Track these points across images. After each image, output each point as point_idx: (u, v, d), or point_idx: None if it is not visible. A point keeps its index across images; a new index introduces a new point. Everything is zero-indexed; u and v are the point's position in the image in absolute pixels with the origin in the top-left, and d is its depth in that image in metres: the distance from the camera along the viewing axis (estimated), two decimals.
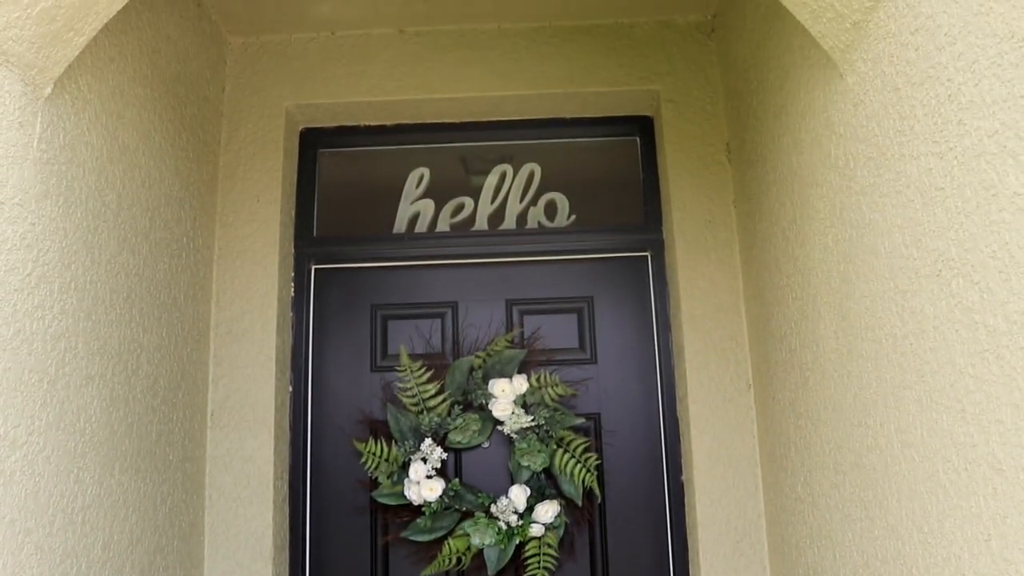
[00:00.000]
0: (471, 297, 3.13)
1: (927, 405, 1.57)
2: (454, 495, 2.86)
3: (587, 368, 3.06)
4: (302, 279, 3.15)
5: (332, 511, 2.98)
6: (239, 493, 2.82)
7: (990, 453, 1.35)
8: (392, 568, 2.95)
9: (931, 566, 1.58)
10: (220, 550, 2.79)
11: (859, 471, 1.93)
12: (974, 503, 1.41)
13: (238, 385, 2.90)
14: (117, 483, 2.19)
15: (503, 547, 2.83)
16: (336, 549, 2.96)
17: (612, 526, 2.96)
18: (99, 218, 2.16)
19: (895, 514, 1.74)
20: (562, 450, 2.89)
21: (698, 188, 3.02)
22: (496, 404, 2.88)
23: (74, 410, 1.99)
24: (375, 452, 2.90)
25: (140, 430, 2.34)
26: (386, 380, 3.05)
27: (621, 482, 2.99)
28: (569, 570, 2.95)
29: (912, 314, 1.61)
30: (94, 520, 2.06)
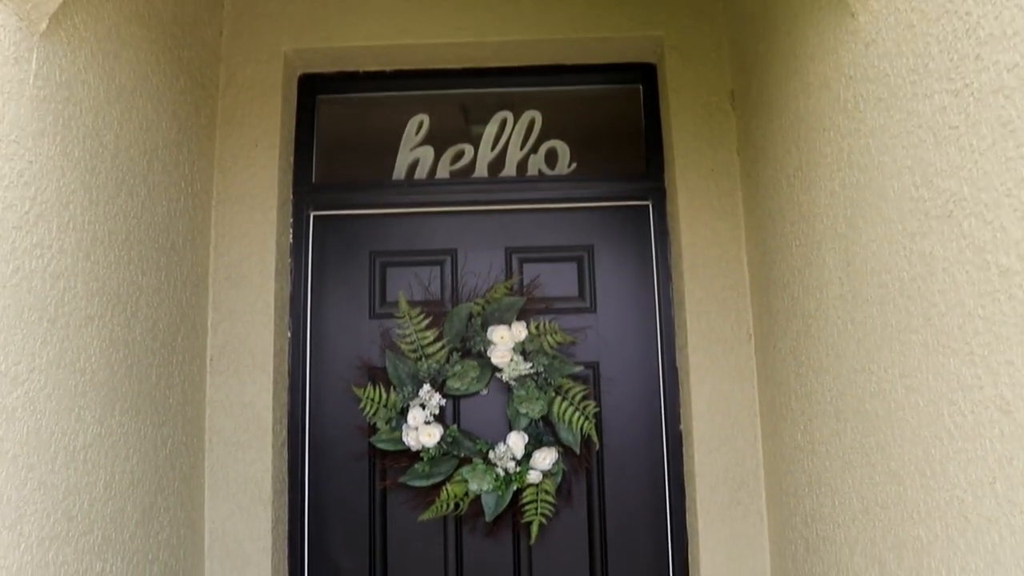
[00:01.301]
0: (470, 245, 3.12)
1: (933, 348, 1.56)
2: (452, 441, 2.87)
3: (586, 317, 3.06)
4: (301, 226, 3.13)
5: (330, 456, 2.99)
6: (238, 437, 2.83)
7: (998, 395, 1.34)
8: (390, 513, 2.97)
9: (932, 510, 1.59)
10: (220, 493, 2.80)
11: (861, 417, 1.93)
12: (979, 446, 1.41)
13: (237, 331, 2.89)
14: (118, 423, 2.19)
15: (501, 493, 2.84)
16: (335, 493, 2.97)
17: (610, 474, 2.97)
18: (97, 158, 2.13)
19: (897, 459, 1.74)
20: (560, 398, 2.90)
21: (701, 136, 2.99)
22: (495, 351, 2.88)
23: (74, 349, 1.98)
24: (373, 398, 2.90)
25: (140, 372, 2.33)
26: (385, 327, 3.05)
27: (619, 430, 2.99)
28: (566, 517, 2.96)
29: (920, 257, 1.60)
30: (95, 459, 2.06)
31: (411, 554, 2.95)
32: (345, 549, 2.95)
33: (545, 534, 2.94)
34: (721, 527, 2.79)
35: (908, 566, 1.70)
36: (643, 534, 2.95)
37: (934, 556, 1.59)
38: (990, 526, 1.38)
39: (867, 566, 1.91)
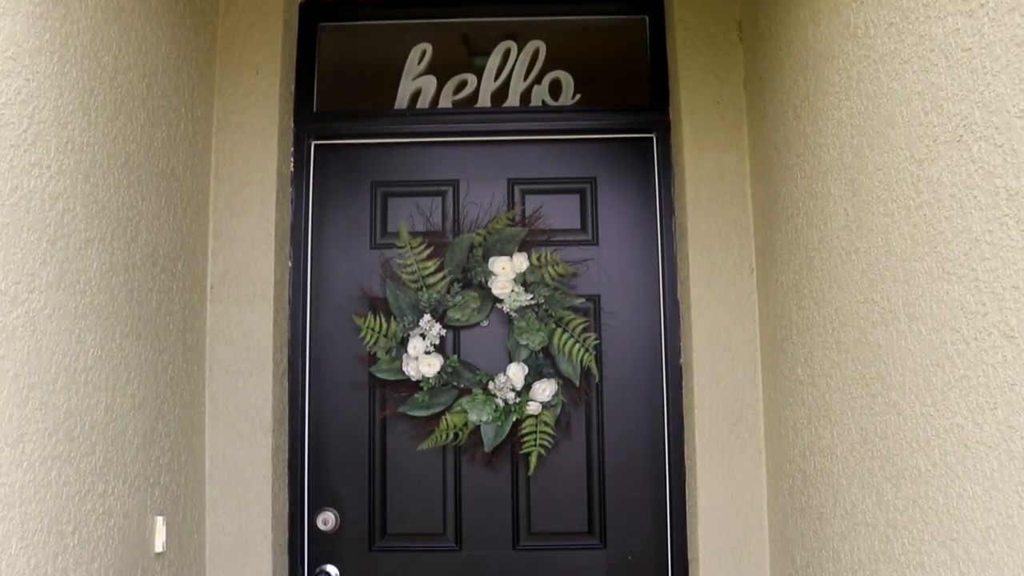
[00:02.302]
0: (472, 175, 3.09)
1: (938, 276, 1.56)
2: (452, 372, 2.87)
3: (588, 249, 3.05)
4: (301, 155, 3.10)
5: (331, 385, 3.00)
6: (239, 366, 2.83)
7: (1003, 320, 1.34)
8: (390, 442, 2.98)
9: (932, 438, 1.59)
10: (220, 420, 2.81)
11: (862, 348, 1.92)
12: (981, 372, 1.41)
13: (237, 259, 2.88)
14: (118, 347, 2.19)
15: (500, 424, 2.85)
16: (334, 422, 2.99)
17: (609, 406, 2.98)
18: (95, 79, 2.11)
19: (898, 389, 1.74)
20: (561, 330, 2.90)
21: (707, 68, 2.96)
22: (496, 282, 2.87)
23: (74, 271, 1.97)
24: (374, 328, 2.90)
25: (140, 297, 2.33)
26: (385, 257, 3.04)
27: (619, 363, 3.00)
28: (565, 448, 2.98)
29: (928, 183, 1.58)
30: (96, 381, 2.07)
31: (410, 483, 2.97)
32: (344, 477, 2.97)
33: (544, 465, 2.96)
34: (719, 459, 2.80)
35: (906, 495, 1.70)
36: (642, 466, 2.97)
37: (932, 484, 1.59)
38: (989, 452, 1.38)
39: (864, 496, 1.92)
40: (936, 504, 1.57)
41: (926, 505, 1.62)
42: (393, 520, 2.97)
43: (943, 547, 1.55)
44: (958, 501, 1.49)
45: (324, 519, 2.92)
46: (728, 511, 2.79)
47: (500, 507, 2.96)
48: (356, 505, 2.97)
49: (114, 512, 2.16)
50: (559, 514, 2.97)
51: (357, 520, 2.96)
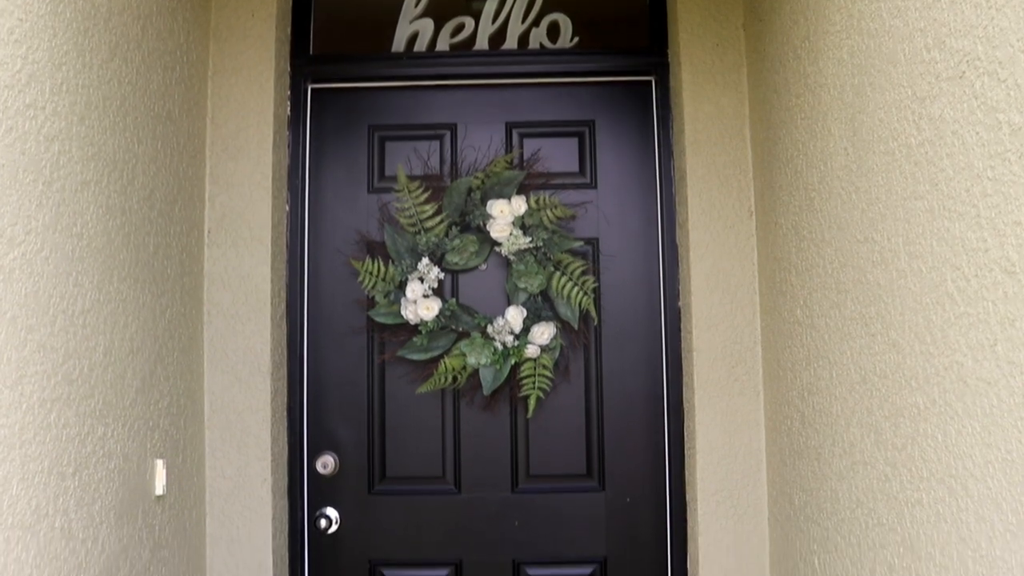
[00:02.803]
0: (470, 119, 3.07)
1: (939, 214, 1.55)
2: (451, 315, 2.87)
3: (587, 192, 3.03)
4: (298, 98, 3.07)
5: (329, 329, 3.00)
6: (237, 310, 2.83)
7: (1004, 256, 1.33)
8: (388, 386, 2.99)
9: (931, 376, 1.59)
10: (219, 364, 2.82)
11: (862, 288, 1.92)
12: (981, 309, 1.41)
13: (234, 203, 2.87)
14: (116, 291, 2.18)
15: (499, 367, 2.86)
16: (333, 366, 2.99)
17: (608, 349, 2.99)
18: (89, 20, 2.08)
19: (897, 328, 1.74)
20: (559, 273, 2.89)
21: (706, 10, 2.92)
22: (494, 225, 2.86)
23: (70, 214, 1.96)
24: (372, 271, 2.89)
25: (137, 241, 2.32)
26: (383, 201, 3.02)
27: (618, 306, 3.00)
28: (564, 391, 2.99)
29: (930, 121, 1.57)
30: (94, 324, 2.06)
31: (409, 427, 2.98)
32: (343, 421, 2.98)
33: (542, 408, 2.97)
34: (718, 402, 2.81)
35: (904, 433, 1.71)
36: (640, 409, 2.98)
37: (930, 422, 1.60)
38: (988, 389, 1.38)
39: (862, 436, 1.93)
40: (935, 441, 1.58)
41: (924, 443, 1.62)
42: (392, 463, 2.99)
43: (941, 484, 1.55)
44: (957, 438, 1.49)
45: (323, 463, 2.94)
46: (726, 453, 2.81)
47: (499, 450, 2.98)
48: (355, 449, 2.98)
49: (114, 455, 2.17)
50: (558, 457, 2.99)
51: (356, 463, 2.98)
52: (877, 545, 1.86)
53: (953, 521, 1.51)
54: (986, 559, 1.40)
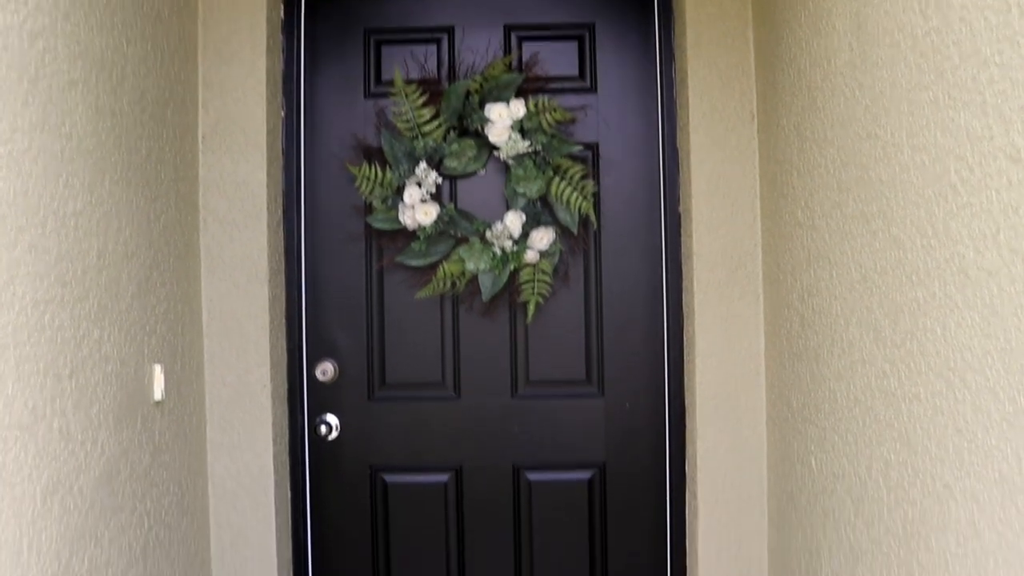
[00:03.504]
0: (468, 21, 3.00)
1: (944, 104, 1.51)
2: (449, 220, 2.84)
3: (586, 97, 2.98)
4: (292, 1, 3.00)
5: (327, 236, 2.98)
6: (233, 217, 2.80)
7: (1009, 143, 1.30)
8: (387, 292, 2.98)
9: (932, 269, 1.57)
10: (216, 271, 2.80)
11: (864, 185, 1.89)
12: (984, 198, 1.38)
13: (229, 108, 2.82)
14: (108, 193, 2.15)
15: (497, 273, 2.84)
16: (331, 273, 2.98)
17: (607, 254, 2.96)
18: None
19: (899, 223, 1.71)
20: (559, 177, 2.85)
21: None
22: (492, 129, 2.82)
23: (58, 113, 1.92)
24: (369, 176, 2.86)
25: (129, 144, 2.28)
26: (380, 106, 2.97)
27: (618, 211, 2.97)
28: (563, 296, 2.97)
29: (936, 8, 1.52)
30: (87, 227, 2.04)
31: (408, 333, 2.98)
32: (342, 327, 2.98)
33: (542, 314, 2.96)
34: (717, 307, 2.80)
35: (903, 329, 1.70)
36: (640, 314, 2.97)
37: (930, 316, 1.58)
38: (989, 279, 1.36)
39: (861, 334, 1.92)
40: (934, 335, 1.56)
41: (924, 337, 1.61)
42: (392, 370, 2.99)
43: (939, 377, 1.54)
44: (956, 331, 1.48)
45: (323, 369, 2.94)
46: (725, 358, 2.80)
47: (498, 356, 2.98)
48: (355, 355, 2.98)
49: (111, 358, 2.16)
50: (557, 362, 2.99)
51: (356, 370, 2.98)
52: (874, 442, 1.86)
53: (950, 413, 1.51)
54: (981, 449, 1.39)
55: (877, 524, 1.85)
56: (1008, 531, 1.32)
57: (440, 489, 3.01)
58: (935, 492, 1.57)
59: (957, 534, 1.49)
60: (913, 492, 1.67)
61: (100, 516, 2.09)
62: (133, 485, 2.28)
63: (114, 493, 2.17)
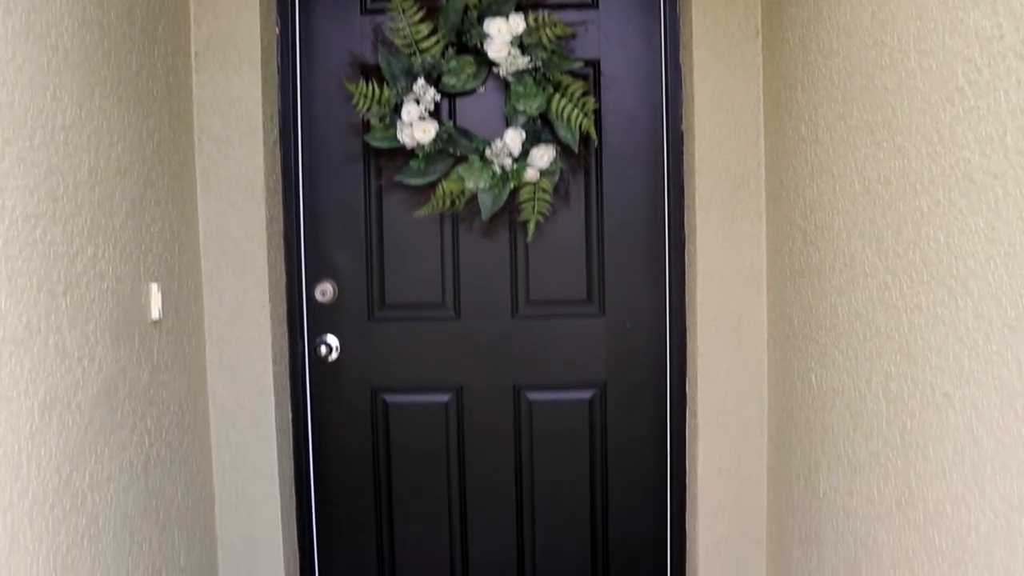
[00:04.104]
0: None
1: (953, 4, 1.47)
2: (448, 138, 2.80)
3: (587, 12, 2.91)
4: None
5: (324, 155, 2.94)
6: (228, 135, 2.76)
7: (1019, 41, 1.26)
8: (386, 212, 2.95)
9: (936, 177, 1.54)
10: (212, 191, 2.77)
11: (869, 95, 1.85)
12: (992, 100, 1.34)
13: (222, 25, 2.76)
14: (99, 108, 2.11)
15: (497, 192, 2.80)
16: (329, 193, 2.94)
17: (608, 173, 2.93)
18: None
19: (904, 131, 1.68)
20: (559, 94, 2.80)
21: None
22: (491, 44, 2.76)
23: (42, 23, 1.87)
24: (366, 94, 2.81)
25: (119, 59, 2.23)
26: (377, 22, 2.91)
27: (619, 129, 2.92)
28: (564, 216, 2.94)
29: None
30: (77, 141, 2.00)
31: (407, 252, 2.96)
32: (341, 247, 2.95)
33: (542, 233, 2.93)
34: (719, 226, 2.77)
35: (906, 239, 1.67)
36: (641, 234, 2.94)
37: (933, 224, 1.55)
38: (995, 182, 1.33)
39: (864, 246, 1.89)
40: (936, 243, 1.54)
41: (926, 246, 1.58)
42: (391, 290, 2.97)
43: (941, 285, 1.52)
44: (959, 237, 1.45)
45: (322, 290, 2.93)
46: (727, 277, 2.78)
47: (499, 276, 2.96)
48: (354, 276, 2.96)
49: (106, 276, 2.15)
50: (558, 282, 2.97)
51: (355, 291, 2.97)
52: (874, 355, 1.84)
53: (951, 322, 1.49)
54: (982, 356, 1.38)
55: (875, 437, 1.84)
56: (1006, 436, 1.31)
57: (441, 409, 3.01)
58: (934, 402, 1.56)
59: (955, 442, 1.48)
60: (912, 403, 1.66)
61: (100, 432, 2.09)
62: (132, 403, 2.28)
63: (113, 410, 2.16)
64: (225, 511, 2.87)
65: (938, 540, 1.57)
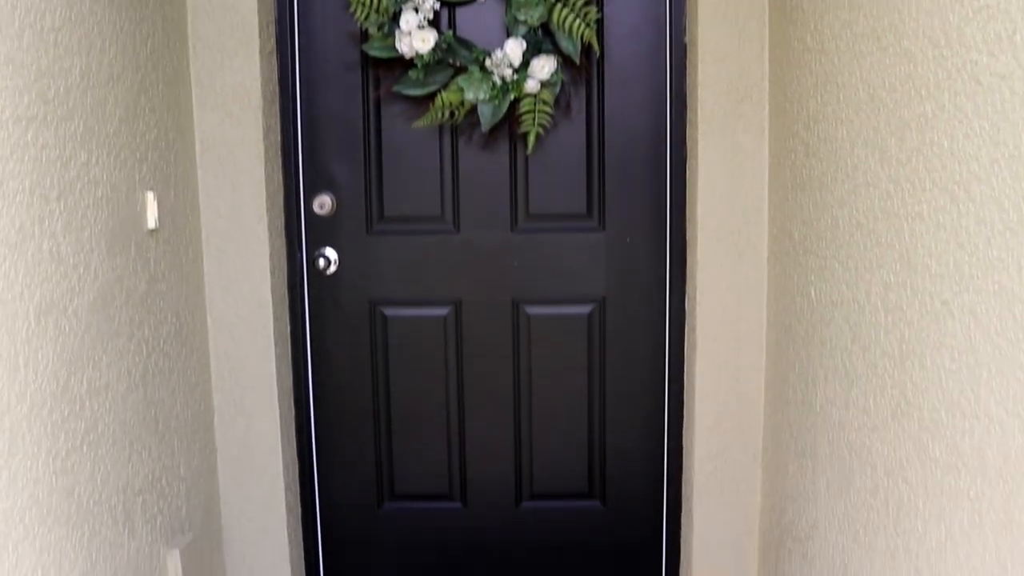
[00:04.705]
0: None
1: None
2: (447, 48, 2.75)
3: None
4: None
5: (321, 65, 2.89)
6: (223, 43, 2.71)
7: None
8: (385, 124, 2.91)
9: (942, 80, 1.51)
10: (208, 100, 2.73)
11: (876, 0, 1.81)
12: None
13: None
14: (89, 11, 2.07)
15: (497, 103, 2.76)
16: (326, 103, 2.90)
17: (610, 85, 2.88)
18: None
19: (910, 36, 1.64)
20: (561, 4, 2.73)
21: None
22: None
23: None
24: (364, 2, 2.73)
25: None
26: None
27: (621, 40, 2.87)
28: (564, 128, 2.91)
29: None
30: (67, 44, 1.97)
31: (406, 164, 2.92)
32: (338, 159, 2.92)
33: (542, 146, 2.90)
34: (721, 140, 2.73)
35: (910, 146, 1.64)
36: (643, 147, 2.90)
37: (937, 129, 1.53)
38: (1002, 83, 1.30)
39: (867, 156, 1.86)
40: (940, 149, 1.51)
41: (929, 152, 1.56)
42: (390, 203, 2.95)
43: (944, 191, 1.50)
44: (964, 142, 1.43)
45: (320, 203, 2.91)
46: (728, 192, 2.75)
47: (498, 189, 2.93)
48: (352, 188, 2.94)
49: (101, 183, 2.13)
50: (557, 196, 2.94)
51: (353, 204, 2.94)
52: (874, 266, 1.83)
53: (952, 228, 1.47)
54: (982, 261, 1.36)
55: (873, 348, 1.84)
56: (1003, 341, 1.30)
57: (439, 323, 3.01)
58: (933, 310, 1.55)
59: (952, 350, 1.48)
60: (911, 312, 1.65)
61: (97, 340, 2.09)
62: (130, 312, 2.27)
63: (110, 318, 2.16)
64: (224, 422, 2.88)
65: (932, 447, 1.57)
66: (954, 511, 1.49)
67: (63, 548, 1.92)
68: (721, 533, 2.92)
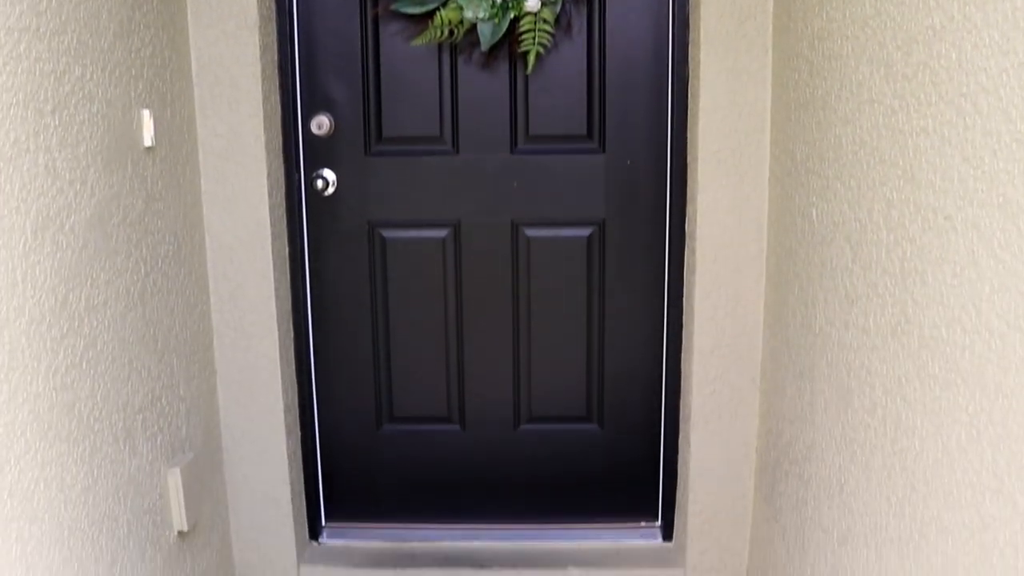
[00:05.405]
0: None
1: None
2: None
3: None
4: None
5: None
6: None
7: None
8: (383, 43, 2.87)
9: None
10: (203, 17, 2.66)
11: None
12: None
13: None
14: None
15: (497, 21, 2.71)
16: (324, 22, 2.85)
17: (612, 4, 2.82)
18: None
19: None
20: None
21: None
22: None
23: None
24: None
25: None
26: None
27: None
28: (565, 48, 2.86)
29: None
30: None
31: (405, 84, 2.89)
32: (337, 80, 2.89)
33: (543, 66, 2.85)
34: (723, 61, 2.69)
35: (916, 60, 1.62)
36: (644, 68, 2.87)
37: (945, 41, 1.51)
38: None
39: (872, 71, 1.84)
40: (948, 61, 1.49)
41: (936, 65, 1.53)
42: (389, 124, 2.92)
43: (950, 105, 1.48)
44: (972, 53, 1.40)
45: (318, 123, 2.88)
46: (729, 113, 2.72)
47: (497, 110, 2.90)
48: (351, 109, 2.91)
49: (96, 98, 2.10)
50: (558, 118, 2.91)
51: (352, 124, 2.91)
52: (877, 183, 1.81)
53: (958, 143, 1.45)
54: (987, 174, 1.35)
55: (874, 267, 1.83)
56: (1006, 254, 1.29)
57: (438, 244, 3.00)
58: (936, 225, 1.54)
59: (954, 265, 1.47)
60: (913, 228, 1.64)
61: (94, 257, 2.08)
62: (127, 230, 2.26)
63: (107, 236, 2.15)
64: (224, 344, 2.89)
65: (931, 365, 1.57)
66: (952, 426, 1.49)
67: (64, 463, 1.94)
68: (718, 456, 2.94)
